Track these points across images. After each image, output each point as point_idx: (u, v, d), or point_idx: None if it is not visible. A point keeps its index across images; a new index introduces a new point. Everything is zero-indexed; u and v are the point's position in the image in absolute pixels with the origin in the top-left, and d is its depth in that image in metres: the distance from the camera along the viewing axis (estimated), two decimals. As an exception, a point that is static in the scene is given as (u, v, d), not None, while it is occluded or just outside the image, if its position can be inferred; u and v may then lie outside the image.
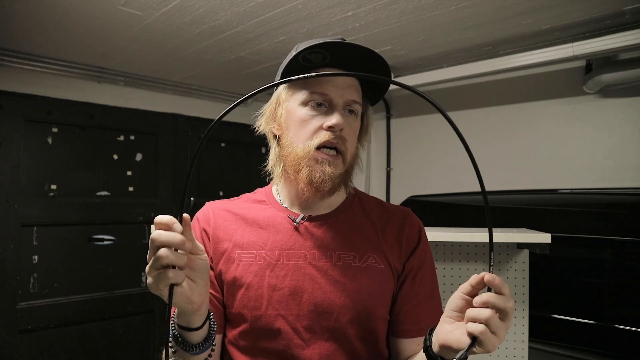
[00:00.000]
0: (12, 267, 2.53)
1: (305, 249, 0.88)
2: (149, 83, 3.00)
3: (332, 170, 0.85)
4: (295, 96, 0.89)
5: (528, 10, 1.91)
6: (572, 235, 2.14)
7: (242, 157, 3.55)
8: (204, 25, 2.08)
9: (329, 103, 0.86)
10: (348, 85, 0.87)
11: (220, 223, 0.94)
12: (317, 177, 0.85)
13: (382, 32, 2.16)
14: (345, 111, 0.87)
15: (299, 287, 0.86)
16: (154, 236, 0.64)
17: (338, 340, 0.85)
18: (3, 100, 2.53)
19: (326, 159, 0.85)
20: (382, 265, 0.89)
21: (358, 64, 0.86)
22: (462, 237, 1.59)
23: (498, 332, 0.62)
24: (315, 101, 0.86)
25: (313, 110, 0.86)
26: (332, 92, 0.85)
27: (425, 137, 3.06)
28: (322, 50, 0.83)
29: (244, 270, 0.88)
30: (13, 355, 2.51)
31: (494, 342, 0.62)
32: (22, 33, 2.22)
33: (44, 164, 2.68)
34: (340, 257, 0.88)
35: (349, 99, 0.87)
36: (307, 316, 0.85)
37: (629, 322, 1.94)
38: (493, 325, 0.62)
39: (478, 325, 0.62)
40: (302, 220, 0.91)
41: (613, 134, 2.28)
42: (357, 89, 0.89)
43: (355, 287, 0.86)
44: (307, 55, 0.85)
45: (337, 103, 0.86)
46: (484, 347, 0.63)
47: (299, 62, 0.86)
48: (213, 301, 0.90)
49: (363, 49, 0.83)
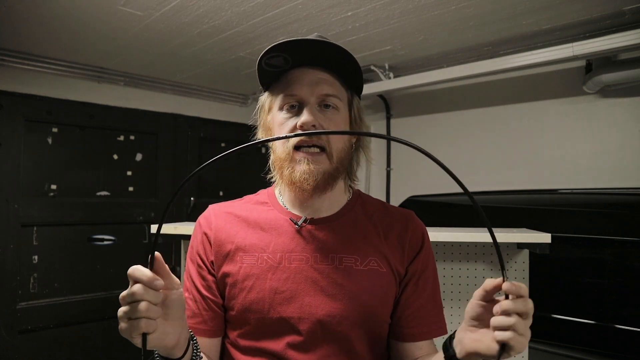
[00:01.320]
0: (12, 267, 2.53)
1: (307, 252, 0.88)
2: (149, 83, 3.00)
3: (311, 167, 0.84)
4: (275, 102, 0.90)
5: (528, 10, 1.91)
6: (572, 235, 2.14)
7: (242, 157, 3.55)
8: (204, 25, 2.08)
9: (300, 103, 0.86)
10: (318, 80, 0.86)
11: (222, 225, 0.93)
12: (297, 176, 0.85)
13: (382, 32, 2.16)
14: (321, 107, 0.87)
15: (300, 290, 0.86)
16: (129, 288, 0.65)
17: (339, 344, 0.85)
18: (3, 100, 2.53)
19: (304, 157, 0.85)
20: (384, 269, 0.89)
21: (324, 59, 0.86)
22: (462, 237, 1.59)
23: (525, 333, 0.64)
24: (288, 103, 0.87)
25: (287, 112, 0.87)
26: (301, 91, 0.86)
27: (425, 137, 3.06)
28: (280, 54, 0.83)
29: (246, 272, 0.88)
30: (13, 355, 2.51)
31: (523, 343, 0.64)
32: (23, 33, 2.22)
33: (44, 164, 2.68)
34: (342, 260, 0.88)
35: (321, 94, 0.86)
36: (308, 319, 0.84)
37: (629, 322, 1.94)
38: (520, 330, 0.63)
39: (505, 333, 0.64)
40: (304, 223, 0.90)
41: (613, 134, 2.28)
42: (332, 81, 0.88)
43: (357, 290, 0.86)
44: (268, 60, 0.85)
45: (308, 101, 0.85)
46: (514, 350, 0.65)
47: (264, 68, 0.87)
48: (212, 306, 0.91)
49: (318, 42, 0.82)
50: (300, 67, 0.87)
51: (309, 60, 0.86)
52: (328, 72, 0.87)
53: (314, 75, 0.86)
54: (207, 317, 0.90)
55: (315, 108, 0.86)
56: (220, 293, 0.92)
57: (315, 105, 0.86)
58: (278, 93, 0.89)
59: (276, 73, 0.88)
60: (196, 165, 3.32)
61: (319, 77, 0.86)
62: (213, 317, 0.91)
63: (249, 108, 3.51)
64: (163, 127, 3.16)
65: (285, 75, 0.88)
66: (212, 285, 0.91)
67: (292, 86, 0.86)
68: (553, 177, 2.47)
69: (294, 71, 0.87)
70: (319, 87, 0.86)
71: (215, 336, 0.92)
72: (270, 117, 0.92)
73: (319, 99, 0.86)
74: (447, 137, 2.96)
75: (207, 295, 0.91)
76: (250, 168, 3.57)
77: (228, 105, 3.44)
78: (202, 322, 0.90)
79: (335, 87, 0.88)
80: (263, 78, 0.90)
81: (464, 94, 2.87)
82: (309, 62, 0.86)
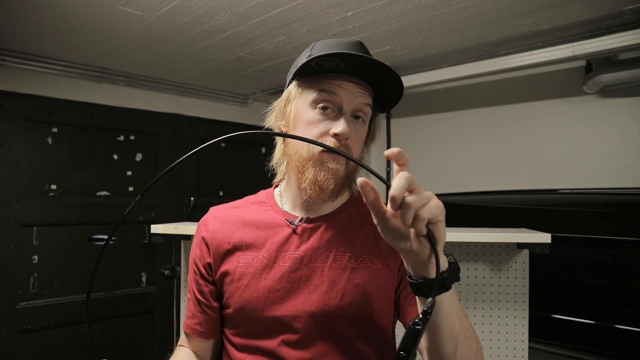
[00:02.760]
0: (12, 267, 2.53)
1: (301, 251, 0.89)
2: (149, 83, 3.00)
3: (337, 167, 0.85)
4: (304, 95, 0.88)
5: (528, 10, 1.91)
6: (572, 235, 2.14)
7: (242, 157, 3.55)
8: (204, 25, 2.08)
9: (337, 107, 0.85)
10: (358, 91, 0.86)
11: (219, 227, 0.95)
12: (322, 175, 0.84)
13: (382, 32, 2.16)
14: (352, 117, 0.86)
15: (294, 288, 0.86)
16: None
17: (334, 341, 0.85)
18: (3, 100, 2.53)
19: (331, 157, 0.85)
20: (379, 265, 0.89)
21: (371, 75, 0.85)
22: (462, 237, 1.59)
23: (422, 200, 0.58)
24: (323, 103, 0.85)
25: (321, 114, 0.85)
26: (342, 96, 0.85)
27: (425, 137, 3.06)
28: (335, 59, 0.82)
29: (241, 272, 0.90)
30: (13, 355, 2.51)
31: (430, 211, 0.58)
32: (23, 33, 2.22)
33: (44, 164, 2.68)
34: (336, 258, 0.88)
35: (357, 106, 0.86)
36: (303, 317, 0.85)
37: (629, 322, 1.94)
38: (416, 204, 0.57)
39: (411, 216, 0.57)
40: (299, 222, 0.91)
41: (613, 134, 2.28)
42: (368, 95, 0.88)
43: (350, 287, 0.86)
44: (320, 62, 0.83)
45: (346, 109, 0.85)
46: (434, 224, 0.59)
47: (311, 66, 0.85)
48: (205, 310, 0.95)
49: (377, 62, 0.81)
50: (344, 73, 0.86)
51: (357, 70, 0.85)
52: (368, 84, 0.87)
53: (358, 85, 0.86)
54: (202, 319, 0.95)
55: (349, 117, 0.86)
56: (219, 293, 0.94)
57: (349, 114, 0.86)
58: (312, 88, 0.87)
59: (318, 72, 0.87)
60: (196, 165, 3.32)
61: (361, 89, 0.86)
62: (207, 320, 0.95)
63: (249, 108, 3.50)
64: (163, 127, 3.16)
65: (325, 75, 0.86)
66: (204, 289, 0.95)
67: (333, 87, 0.84)
68: (553, 177, 2.47)
69: (336, 75, 0.86)
70: (359, 98, 0.86)
71: (210, 338, 0.97)
72: (294, 108, 0.90)
73: (354, 110, 0.86)
74: (447, 137, 2.96)
75: (201, 299, 0.95)
76: (251, 168, 3.57)
77: (228, 105, 3.44)
78: (198, 324, 0.96)
79: (369, 102, 0.88)
80: (302, 71, 0.88)
81: (464, 94, 2.87)
82: (358, 71, 0.85)
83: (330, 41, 0.89)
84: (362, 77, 0.86)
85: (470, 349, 0.73)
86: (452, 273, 0.66)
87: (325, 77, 0.85)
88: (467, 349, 0.72)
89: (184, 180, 3.24)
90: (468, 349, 0.72)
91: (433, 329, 0.69)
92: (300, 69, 0.86)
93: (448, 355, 0.71)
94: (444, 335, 0.69)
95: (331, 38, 0.92)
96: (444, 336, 0.69)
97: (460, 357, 0.71)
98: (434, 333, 0.69)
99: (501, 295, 1.70)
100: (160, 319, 3.05)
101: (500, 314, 1.69)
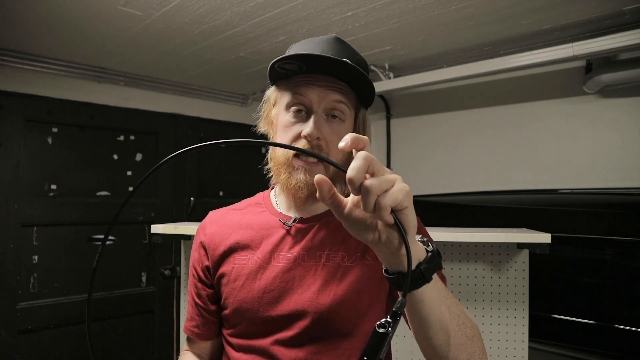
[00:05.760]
0: (12, 267, 2.53)
1: (295, 251, 0.89)
2: (149, 83, 3.00)
3: (307, 178, 0.84)
4: (282, 99, 0.89)
5: (528, 10, 1.91)
6: (572, 235, 2.15)
7: (242, 157, 3.55)
8: (204, 25, 2.08)
9: (308, 108, 0.85)
10: (329, 87, 0.84)
11: (216, 229, 0.97)
12: (293, 184, 0.85)
13: (382, 32, 2.16)
14: (328, 117, 0.85)
15: (288, 288, 0.87)
16: None
17: (328, 340, 0.86)
18: (3, 100, 2.53)
19: (302, 166, 0.85)
20: (371, 261, 0.89)
21: (345, 73, 0.84)
22: (462, 237, 1.59)
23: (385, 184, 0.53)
24: (296, 106, 0.85)
25: (294, 116, 0.86)
26: (311, 95, 0.84)
27: (425, 137, 3.06)
28: (295, 62, 0.81)
29: (237, 273, 0.90)
30: (13, 355, 2.51)
31: (394, 196, 0.53)
32: (23, 33, 2.22)
33: (44, 164, 2.68)
34: (329, 257, 0.89)
35: (329, 104, 0.84)
36: (296, 316, 0.86)
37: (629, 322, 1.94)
38: (377, 189, 0.52)
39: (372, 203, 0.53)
40: (293, 223, 0.92)
41: (613, 134, 2.28)
42: (341, 93, 0.85)
43: (344, 286, 0.86)
44: (282, 65, 0.83)
45: (316, 109, 0.84)
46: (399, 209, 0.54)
47: (277, 70, 0.85)
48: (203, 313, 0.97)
49: (336, 60, 0.79)
50: (313, 73, 0.85)
51: (322, 69, 0.84)
52: (339, 80, 0.85)
53: (326, 81, 0.84)
54: (200, 322, 0.97)
55: (322, 118, 0.85)
56: (217, 295, 0.95)
57: (322, 114, 0.85)
58: (286, 90, 0.87)
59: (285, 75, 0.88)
60: (196, 165, 3.32)
61: (330, 84, 0.84)
62: (204, 323, 0.97)
63: (249, 108, 3.50)
64: (163, 127, 3.16)
65: (297, 76, 0.86)
66: (202, 293, 0.96)
67: (302, 88, 0.84)
68: (553, 177, 2.47)
69: (306, 75, 0.86)
70: (329, 95, 0.84)
71: (208, 339, 0.99)
72: (275, 112, 0.91)
73: (327, 108, 0.85)
74: (447, 137, 2.96)
75: (199, 302, 0.97)
76: (251, 168, 3.57)
77: (228, 105, 3.44)
78: (196, 327, 0.98)
79: (344, 95, 0.86)
80: (273, 75, 0.88)
81: (464, 94, 2.87)
82: (323, 70, 0.84)
83: (305, 41, 0.89)
84: (335, 74, 0.84)
85: (465, 336, 0.70)
86: (430, 263, 0.61)
87: (296, 79, 0.86)
88: (462, 336, 0.70)
89: (184, 180, 3.24)
90: (463, 336, 0.70)
91: (420, 323, 0.66)
92: (270, 73, 0.87)
93: (441, 347, 0.68)
94: (433, 327, 0.66)
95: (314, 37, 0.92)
96: (433, 329, 0.66)
97: (455, 345, 0.68)
98: (422, 327, 0.66)
99: (501, 295, 1.70)
100: (160, 319, 3.05)
101: (500, 314, 1.69)
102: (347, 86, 0.86)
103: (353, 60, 0.84)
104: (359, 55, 0.90)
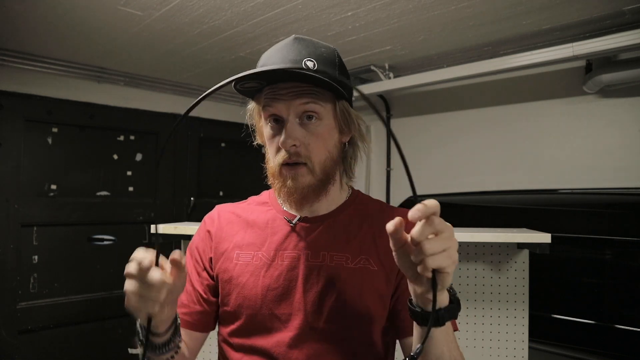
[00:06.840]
0: (12, 267, 2.53)
1: (299, 250, 0.89)
2: (149, 83, 3.00)
3: (295, 183, 0.86)
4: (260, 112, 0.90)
5: (528, 10, 1.91)
6: (572, 235, 2.14)
7: (242, 157, 3.55)
8: (204, 25, 2.08)
9: (281, 118, 0.85)
10: (295, 92, 0.83)
11: (224, 225, 0.97)
12: (285, 190, 0.88)
13: (382, 32, 2.16)
14: (302, 120, 0.85)
15: (291, 287, 0.87)
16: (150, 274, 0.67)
17: (328, 341, 0.85)
18: (3, 100, 2.53)
19: (288, 173, 0.86)
20: (375, 267, 0.89)
21: (298, 78, 0.82)
22: (462, 237, 1.59)
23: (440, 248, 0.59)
24: (270, 118, 0.87)
25: (273, 128, 0.87)
26: (279, 107, 0.84)
27: (425, 137, 3.06)
28: (251, 81, 0.82)
29: (241, 270, 0.90)
30: (13, 355, 2.51)
31: (443, 260, 0.59)
32: (23, 33, 2.22)
33: (44, 164, 2.68)
34: (333, 257, 0.89)
35: (299, 108, 0.84)
36: (298, 316, 0.85)
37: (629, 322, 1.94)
38: (434, 249, 0.58)
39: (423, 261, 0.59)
40: (298, 222, 0.92)
41: (613, 134, 2.28)
42: (308, 94, 0.83)
43: (346, 287, 0.86)
44: (241, 87, 0.84)
45: (286, 117, 0.84)
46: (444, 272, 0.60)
47: (241, 90, 0.86)
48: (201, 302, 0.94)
49: (290, 70, 0.79)
50: (276, 83, 0.84)
51: (281, 77, 0.83)
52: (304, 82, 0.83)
53: (290, 88, 0.83)
54: (194, 310, 0.94)
55: (296, 122, 0.84)
56: (216, 290, 0.95)
57: (296, 119, 0.84)
58: (260, 104, 0.88)
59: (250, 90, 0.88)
60: (196, 165, 3.32)
61: (295, 90, 0.83)
62: (199, 312, 0.94)
63: (249, 108, 3.50)
64: (163, 127, 3.16)
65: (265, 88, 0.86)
66: (204, 282, 0.95)
67: (270, 101, 0.84)
68: (553, 177, 2.47)
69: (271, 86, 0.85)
70: (295, 100, 0.83)
71: (196, 330, 0.94)
72: (261, 124, 0.93)
73: (298, 113, 0.84)
74: (447, 137, 2.96)
75: (199, 290, 0.94)
76: (251, 168, 3.57)
77: (228, 105, 3.44)
78: (187, 314, 0.93)
79: (312, 95, 0.84)
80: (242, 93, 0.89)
81: (464, 94, 2.87)
82: (282, 79, 0.83)
83: (268, 51, 0.88)
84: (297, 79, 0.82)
85: None
86: (449, 312, 0.67)
87: (265, 91, 0.86)
88: None
89: (184, 180, 3.24)
90: None
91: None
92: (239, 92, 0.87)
93: None
94: None
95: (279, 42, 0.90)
96: None
97: None
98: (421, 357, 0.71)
99: (501, 295, 1.70)
100: (160, 319, 3.05)
101: (500, 314, 1.69)
102: (313, 85, 0.84)
103: (315, 55, 0.84)
104: (323, 47, 0.88)
